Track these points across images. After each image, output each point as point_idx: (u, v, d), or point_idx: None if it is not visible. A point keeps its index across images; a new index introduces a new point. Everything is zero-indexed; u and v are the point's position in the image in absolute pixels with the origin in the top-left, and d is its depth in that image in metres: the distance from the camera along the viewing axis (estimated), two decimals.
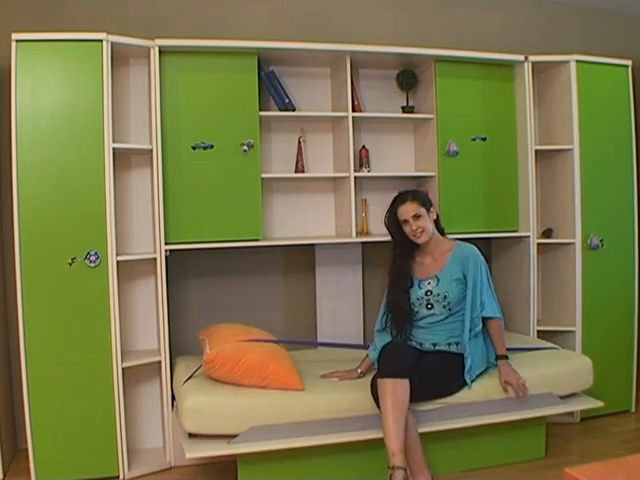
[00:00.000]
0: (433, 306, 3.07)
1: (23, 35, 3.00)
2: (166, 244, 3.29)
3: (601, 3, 4.42)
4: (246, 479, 2.93)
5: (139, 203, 3.43)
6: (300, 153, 3.71)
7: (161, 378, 3.31)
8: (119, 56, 3.25)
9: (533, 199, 3.80)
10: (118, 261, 3.12)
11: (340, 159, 3.74)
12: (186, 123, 3.34)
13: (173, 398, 3.28)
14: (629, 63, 3.90)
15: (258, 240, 3.46)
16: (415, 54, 3.68)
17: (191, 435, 2.90)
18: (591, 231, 3.78)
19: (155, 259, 3.28)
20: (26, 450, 3.08)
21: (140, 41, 3.22)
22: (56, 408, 3.06)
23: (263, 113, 3.51)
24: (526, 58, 3.77)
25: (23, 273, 3.00)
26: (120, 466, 3.14)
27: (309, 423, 2.90)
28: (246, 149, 3.39)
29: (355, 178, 3.61)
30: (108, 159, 3.09)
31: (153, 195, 3.29)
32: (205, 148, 3.36)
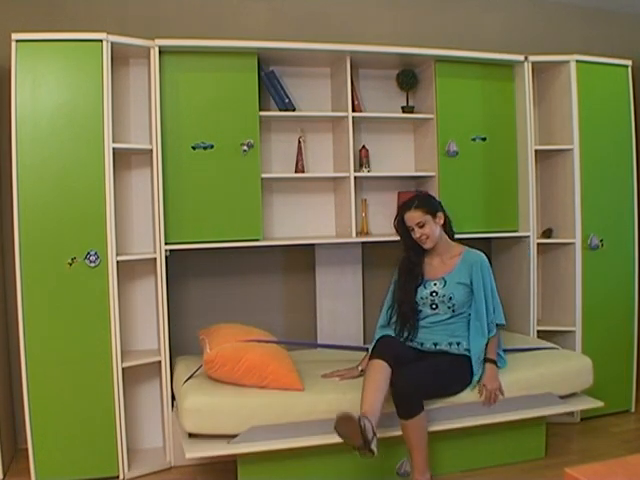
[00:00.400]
0: (438, 306, 3.10)
1: (23, 35, 3.00)
2: (166, 244, 3.29)
3: (601, 3, 4.42)
4: (246, 479, 2.94)
5: (139, 203, 3.43)
6: (300, 153, 3.71)
7: (161, 378, 3.31)
8: (119, 56, 3.25)
9: (533, 199, 3.80)
10: (118, 261, 3.12)
11: (340, 159, 3.74)
12: (186, 123, 3.34)
13: (173, 398, 3.28)
14: (629, 63, 3.91)
15: (258, 240, 3.46)
16: (415, 54, 3.68)
17: (191, 435, 2.90)
18: (591, 231, 3.78)
19: (155, 259, 3.28)
20: (26, 450, 3.09)
21: (140, 41, 3.22)
22: (56, 408, 3.06)
23: (263, 113, 3.51)
24: (526, 58, 3.77)
25: (23, 273, 3.00)
26: (120, 466, 3.14)
27: (309, 423, 2.90)
28: (246, 149, 3.39)
29: (355, 178, 3.61)
30: (108, 159, 3.09)
31: (153, 195, 3.29)
32: (205, 148, 3.36)
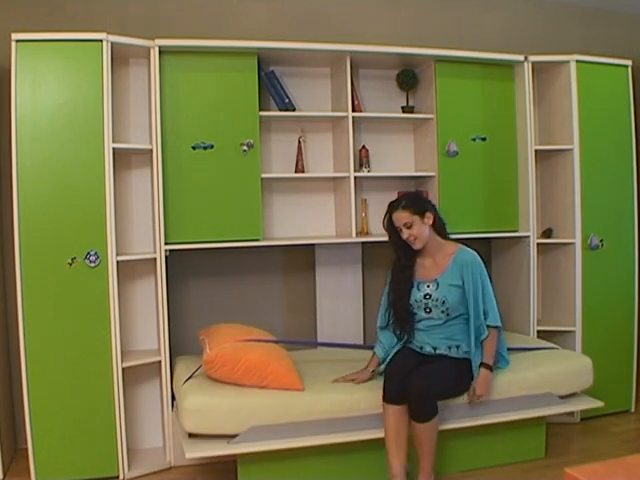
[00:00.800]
0: (431, 310, 3.04)
1: (23, 35, 3.00)
2: (166, 244, 3.29)
3: (601, 3, 4.42)
4: (246, 479, 2.94)
5: (139, 203, 3.43)
6: (300, 153, 3.71)
7: (161, 378, 3.31)
8: (119, 56, 3.25)
9: (533, 199, 3.80)
10: (118, 261, 3.12)
11: (340, 159, 3.74)
12: (186, 123, 3.34)
13: (173, 398, 3.28)
14: (629, 63, 3.91)
15: (258, 240, 3.46)
16: (415, 54, 3.68)
17: (191, 435, 2.91)
18: (591, 231, 3.78)
19: (155, 259, 3.28)
20: (26, 450, 3.08)
21: (140, 41, 3.22)
22: (56, 408, 3.06)
23: (263, 113, 3.51)
24: (526, 58, 3.77)
25: (23, 273, 3.00)
26: (120, 466, 3.14)
27: (309, 423, 2.90)
28: (246, 149, 3.39)
29: (355, 178, 3.61)
30: (108, 159, 3.09)
31: (153, 195, 3.29)
32: (205, 148, 3.36)
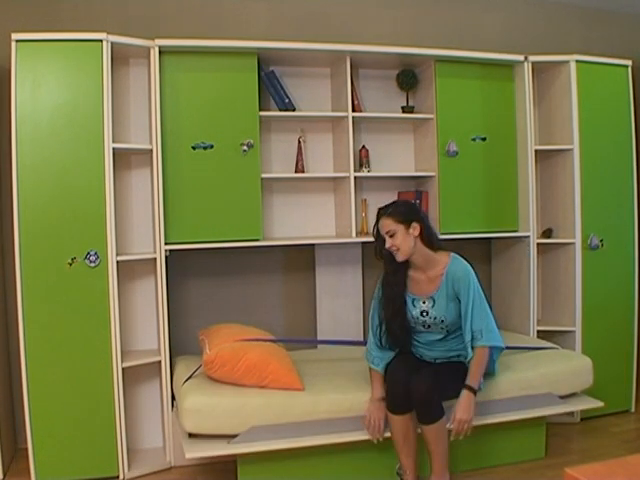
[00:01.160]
0: (430, 326, 2.93)
1: (23, 35, 3.00)
2: (166, 244, 3.29)
3: (601, 3, 4.42)
4: (246, 479, 2.94)
5: (139, 203, 3.43)
6: (300, 153, 3.71)
7: (161, 378, 3.31)
8: (119, 56, 3.25)
9: (533, 199, 3.80)
10: (118, 261, 3.12)
11: (340, 159, 3.74)
12: (186, 123, 3.34)
13: (173, 398, 3.28)
14: (629, 63, 3.90)
15: (258, 240, 3.46)
16: (415, 54, 3.68)
17: (191, 435, 2.91)
18: (591, 231, 3.78)
19: (155, 259, 3.28)
20: (26, 450, 3.08)
21: (140, 41, 3.22)
22: (56, 408, 3.06)
23: (263, 113, 3.51)
24: (526, 58, 3.77)
25: (23, 273, 3.00)
26: (120, 466, 3.14)
27: (309, 423, 2.90)
28: (246, 149, 3.39)
29: (355, 178, 3.61)
30: (108, 159, 3.09)
31: (153, 195, 3.29)
32: (205, 148, 3.36)
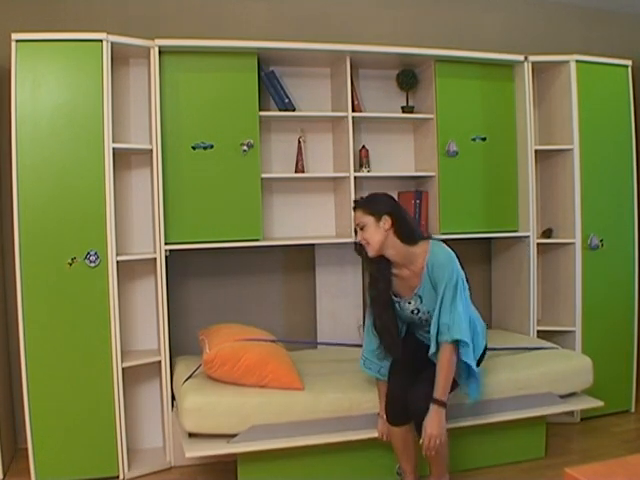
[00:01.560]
0: (427, 320, 2.80)
1: (23, 35, 3.00)
2: (166, 244, 3.29)
3: (601, 3, 4.42)
4: (246, 479, 2.94)
5: (139, 203, 3.43)
6: (300, 153, 3.71)
7: (161, 378, 3.31)
8: (119, 56, 3.25)
9: (533, 199, 3.80)
10: (118, 261, 3.12)
11: (340, 159, 3.74)
12: (186, 123, 3.34)
13: (173, 398, 3.28)
14: (629, 63, 3.90)
15: (258, 240, 3.46)
16: (415, 54, 3.68)
17: (191, 435, 2.91)
18: (591, 231, 3.78)
19: (155, 259, 3.28)
20: (26, 450, 3.08)
21: (140, 41, 3.22)
22: (56, 408, 3.06)
23: (263, 113, 3.51)
24: (526, 58, 3.77)
25: (23, 273, 3.00)
26: (120, 466, 3.14)
27: (309, 422, 2.90)
28: (246, 149, 3.39)
29: (355, 178, 3.61)
30: (108, 159, 3.09)
31: (153, 195, 3.29)
32: (205, 148, 3.36)
